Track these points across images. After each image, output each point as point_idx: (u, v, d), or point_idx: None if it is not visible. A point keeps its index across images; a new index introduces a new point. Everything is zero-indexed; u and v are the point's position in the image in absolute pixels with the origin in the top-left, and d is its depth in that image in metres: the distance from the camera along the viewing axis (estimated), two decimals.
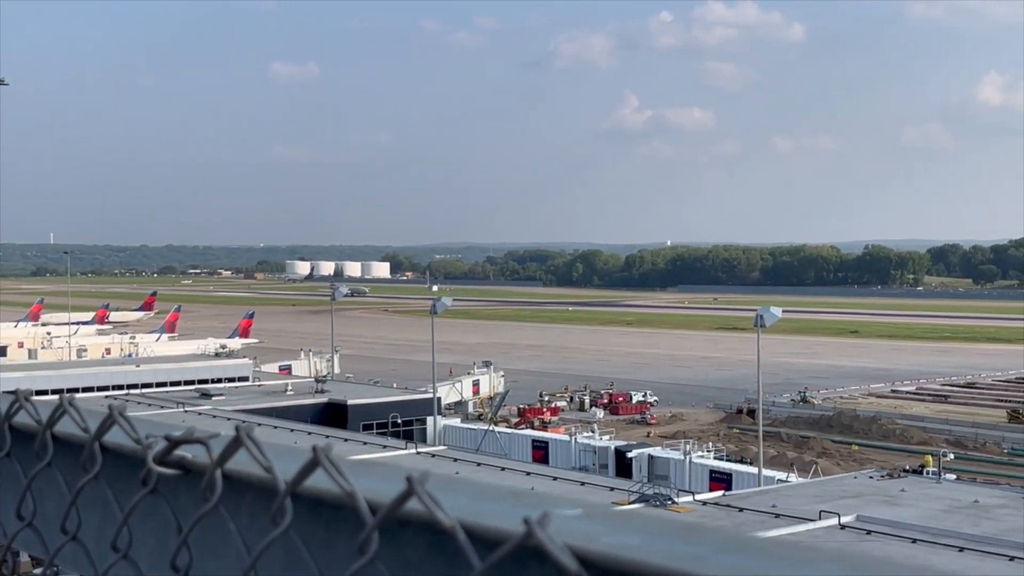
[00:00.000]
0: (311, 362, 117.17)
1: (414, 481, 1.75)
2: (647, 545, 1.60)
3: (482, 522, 1.73)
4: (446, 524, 1.72)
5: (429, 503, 1.73)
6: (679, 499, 44.22)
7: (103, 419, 2.51)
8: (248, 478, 2.17)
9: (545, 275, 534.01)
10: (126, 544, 2.46)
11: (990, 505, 43.93)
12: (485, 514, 1.76)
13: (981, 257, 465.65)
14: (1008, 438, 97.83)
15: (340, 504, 1.92)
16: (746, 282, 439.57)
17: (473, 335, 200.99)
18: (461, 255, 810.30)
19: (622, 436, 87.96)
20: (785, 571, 1.51)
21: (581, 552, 1.59)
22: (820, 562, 1.53)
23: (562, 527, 1.65)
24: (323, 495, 1.98)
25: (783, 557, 1.55)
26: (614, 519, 1.74)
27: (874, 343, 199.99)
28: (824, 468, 73.47)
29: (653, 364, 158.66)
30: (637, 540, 1.62)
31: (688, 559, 1.54)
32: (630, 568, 1.56)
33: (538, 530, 1.57)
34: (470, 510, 1.77)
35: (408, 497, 1.75)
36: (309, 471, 1.95)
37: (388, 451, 58.71)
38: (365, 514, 1.84)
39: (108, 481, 2.56)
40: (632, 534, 1.65)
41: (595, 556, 1.59)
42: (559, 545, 1.57)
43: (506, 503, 1.81)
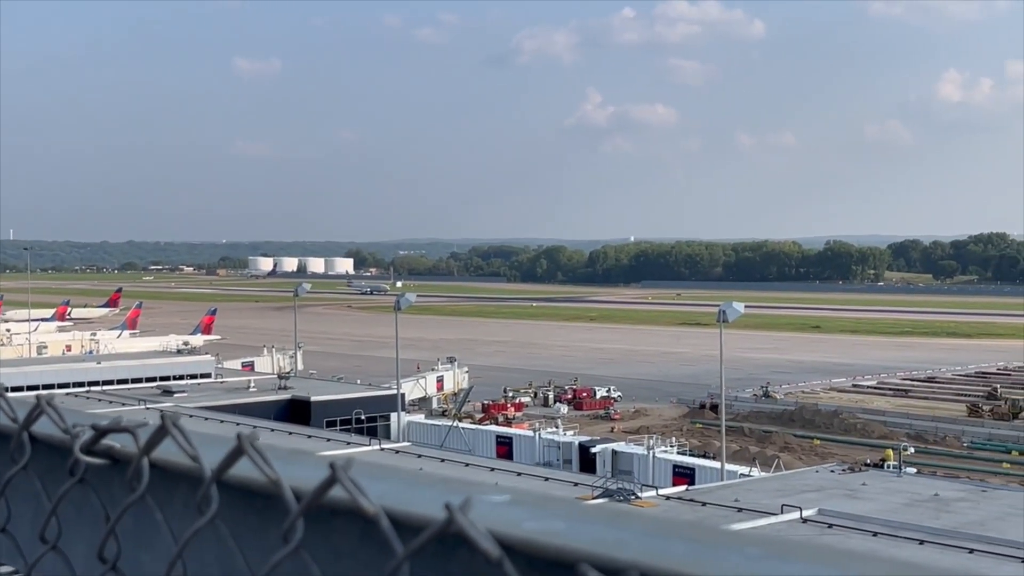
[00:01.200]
0: (274, 358, 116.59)
1: (337, 468, 1.75)
2: (570, 530, 1.61)
3: (406, 509, 1.74)
4: (369, 511, 1.72)
5: (352, 490, 1.72)
6: (643, 494, 44.31)
7: (30, 409, 2.44)
8: (177, 467, 2.16)
9: (509, 271, 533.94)
10: (55, 536, 2.40)
11: (950, 498, 44.30)
12: (413, 501, 1.76)
13: (941, 253, 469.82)
14: (968, 432, 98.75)
15: (269, 493, 1.92)
16: (709, 278, 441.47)
17: (437, 331, 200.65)
18: (425, 251, 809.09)
19: (586, 431, 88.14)
20: (706, 555, 1.53)
21: (503, 537, 1.60)
22: (741, 545, 1.54)
23: (487, 513, 1.66)
24: (252, 484, 1.97)
25: (705, 541, 1.57)
26: (540, 505, 1.74)
27: (835, 338, 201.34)
28: (786, 462, 73.83)
29: (617, 359, 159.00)
30: (561, 525, 1.63)
31: (609, 543, 1.55)
32: (551, 553, 1.58)
33: (459, 516, 1.58)
34: (397, 497, 1.78)
35: (332, 484, 1.75)
36: (234, 459, 1.93)
37: (352, 448, 58.46)
38: (290, 502, 1.84)
39: (38, 472, 2.49)
40: (556, 519, 1.66)
41: (517, 541, 1.60)
42: (481, 531, 1.58)
43: (435, 490, 1.81)
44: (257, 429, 54.22)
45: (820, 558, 1.51)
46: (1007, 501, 44.55)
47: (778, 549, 1.53)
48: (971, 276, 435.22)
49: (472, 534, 1.57)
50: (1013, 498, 46.12)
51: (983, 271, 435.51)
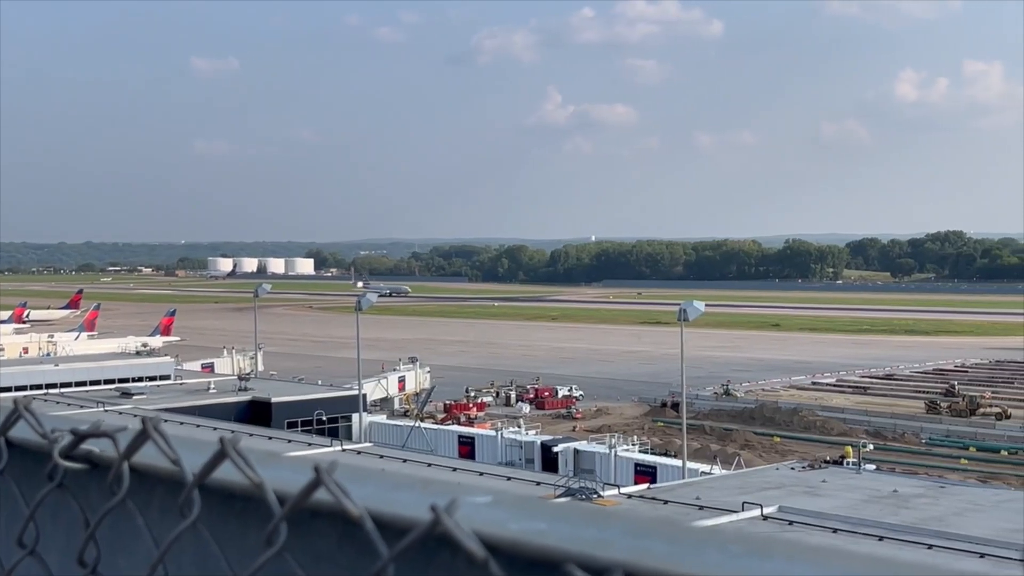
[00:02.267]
0: (234, 360, 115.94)
1: (322, 471, 1.75)
2: (553, 530, 1.62)
3: (390, 511, 1.74)
4: (354, 513, 1.72)
5: (337, 492, 1.73)
6: (604, 492, 44.45)
7: (8, 413, 2.44)
8: (157, 471, 2.16)
9: (471, 271, 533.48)
10: (33, 540, 2.40)
11: (909, 495, 44.70)
12: (395, 503, 1.76)
13: (899, 251, 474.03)
14: (926, 429, 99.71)
15: (251, 496, 1.91)
16: (669, 277, 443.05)
17: (398, 331, 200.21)
18: (386, 251, 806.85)
19: (548, 431, 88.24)
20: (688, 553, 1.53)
21: (488, 538, 1.61)
22: (723, 543, 1.56)
23: (471, 514, 1.66)
24: (233, 487, 1.96)
25: (686, 539, 1.57)
26: (523, 505, 1.75)
27: (795, 336, 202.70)
28: (747, 460, 74.26)
29: (578, 359, 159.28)
30: (543, 525, 1.64)
31: (593, 543, 1.56)
32: (536, 552, 1.58)
33: (445, 517, 1.58)
34: (380, 499, 1.77)
35: (316, 487, 1.75)
36: (216, 463, 1.94)
37: (313, 449, 58.25)
38: (273, 505, 1.84)
39: (15, 478, 2.49)
40: (539, 520, 1.67)
41: (502, 542, 1.61)
42: (466, 532, 1.59)
43: (416, 492, 1.81)
44: (238, 432, 53.97)
45: (801, 555, 1.52)
46: (965, 497, 45.04)
47: (759, 546, 1.55)
48: (928, 274, 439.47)
49: (458, 535, 1.58)
50: (971, 494, 46.65)
51: (940, 269, 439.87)
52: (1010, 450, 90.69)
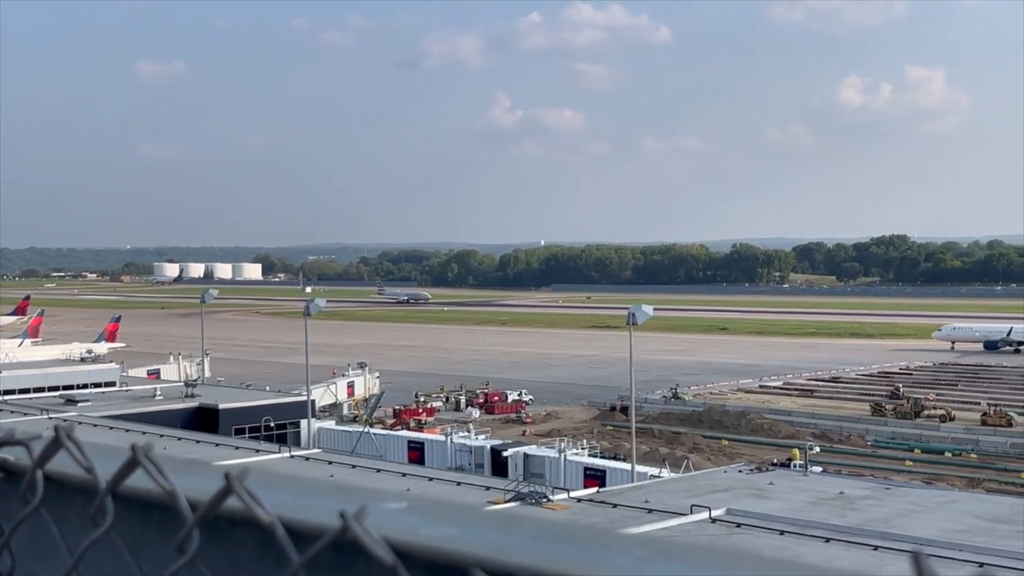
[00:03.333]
0: (181, 366, 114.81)
1: (232, 478, 1.75)
2: (463, 535, 1.63)
3: (302, 518, 1.74)
4: (265, 520, 1.72)
5: (247, 500, 1.72)
6: (554, 496, 44.45)
7: None
8: (72, 479, 2.15)
9: (420, 275, 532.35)
10: None
11: (855, 496, 45.10)
12: (308, 510, 1.76)
13: (844, 255, 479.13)
14: (872, 431, 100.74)
15: (168, 505, 1.91)
16: (618, 281, 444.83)
17: (347, 336, 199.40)
18: (335, 256, 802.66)
19: (498, 435, 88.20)
20: (594, 556, 1.54)
21: (398, 544, 1.62)
22: (629, 547, 1.57)
23: (383, 520, 1.67)
24: (148, 495, 1.96)
25: (594, 543, 1.58)
26: (437, 511, 1.75)
27: (742, 339, 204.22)
28: (695, 463, 74.62)
29: (528, 363, 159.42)
30: (455, 531, 1.65)
31: (501, 548, 1.57)
32: (444, 558, 1.60)
33: (354, 523, 1.59)
34: (294, 506, 1.78)
35: (227, 495, 1.75)
36: (128, 471, 1.93)
37: (261, 455, 57.77)
38: (185, 512, 1.84)
39: None
40: (451, 525, 1.67)
41: (411, 548, 1.62)
42: (376, 538, 1.60)
43: (333, 498, 1.81)
44: (153, 439, 53.36)
45: (704, 558, 1.53)
46: (910, 498, 45.52)
47: (665, 550, 1.57)
48: (873, 277, 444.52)
49: (366, 541, 1.59)
50: (916, 495, 47.16)
51: (885, 272, 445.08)
52: (954, 452, 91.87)
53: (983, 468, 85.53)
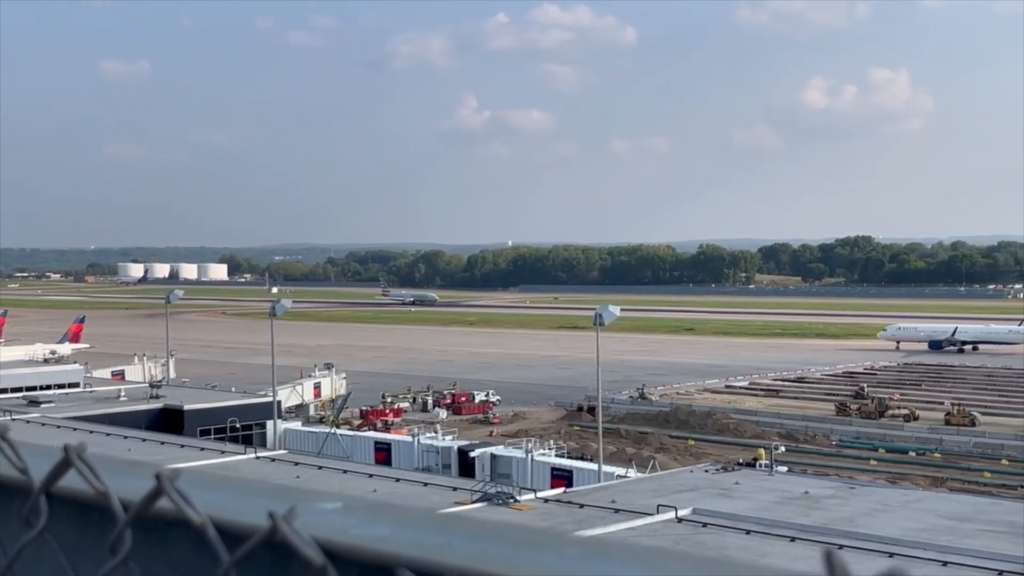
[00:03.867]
0: (145, 367, 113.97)
1: (163, 478, 1.76)
2: (395, 535, 1.64)
3: (232, 518, 1.74)
4: (196, 521, 1.72)
5: (178, 500, 1.73)
6: (521, 497, 44.43)
7: None
8: (9, 482, 2.15)
9: (387, 276, 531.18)
10: None
11: (820, 496, 45.32)
12: (243, 510, 1.76)
13: (809, 256, 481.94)
14: (836, 430, 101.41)
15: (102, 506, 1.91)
16: (585, 281, 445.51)
17: (314, 337, 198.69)
18: (301, 256, 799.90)
19: (465, 436, 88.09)
20: (524, 556, 1.55)
21: (328, 544, 1.62)
22: (561, 546, 1.58)
23: (317, 520, 1.68)
24: (83, 496, 1.96)
25: (526, 543, 1.60)
26: (372, 512, 1.76)
27: (709, 340, 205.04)
28: (662, 463, 74.85)
29: (495, 364, 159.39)
30: (387, 531, 1.66)
31: (431, 547, 1.58)
32: (373, 558, 1.60)
33: (282, 524, 1.60)
34: (229, 506, 1.78)
35: (158, 495, 1.75)
36: (62, 471, 1.92)
37: (226, 456, 57.45)
38: (118, 513, 1.84)
39: None
40: (384, 525, 1.68)
41: (342, 548, 1.63)
42: (305, 539, 1.60)
43: (268, 498, 1.82)
44: (84, 440, 52.95)
45: (634, 558, 1.53)
46: (874, 497, 45.80)
47: (597, 549, 1.58)
48: (838, 278, 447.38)
49: (295, 542, 1.59)
50: (880, 494, 47.46)
51: (849, 273, 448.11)
52: (918, 451, 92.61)
53: (947, 467, 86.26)
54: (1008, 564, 33.69)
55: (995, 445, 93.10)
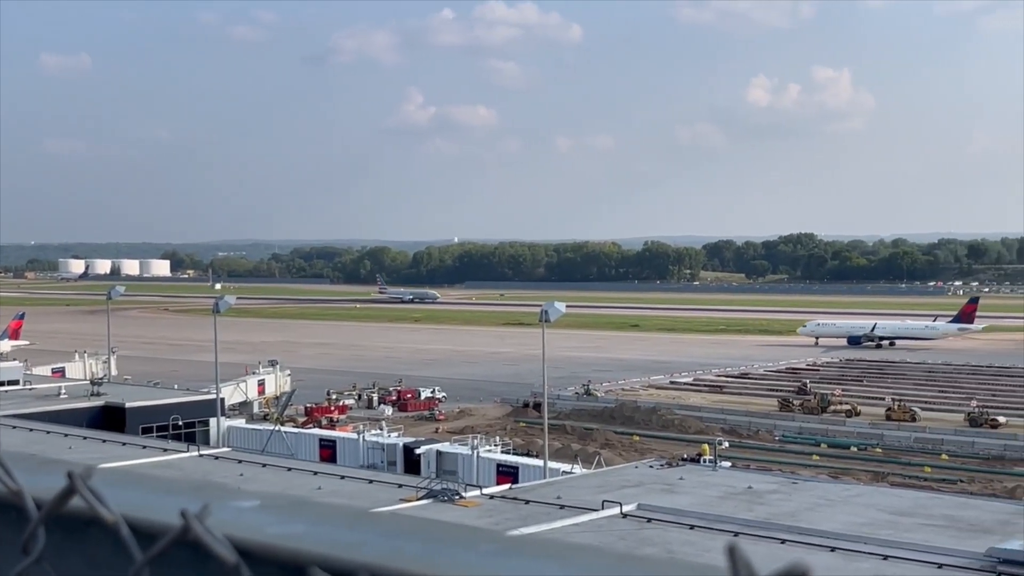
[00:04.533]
0: (86, 364, 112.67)
1: (75, 477, 1.74)
2: (310, 533, 1.64)
3: (145, 516, 1.74)
4: (108, 519, 1.72)
5: (90, 499, 1.72)
6: (467, 494, 44.39)
7: None
8: None
9: (332, 272, 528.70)
10: None
11: (763, 490, 45.67)
12: (161, 508, 1.75)
13: (753, 252, 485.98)
14: (779, 426, 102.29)
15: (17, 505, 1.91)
16: (531, 278, 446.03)
17: (258, 334, 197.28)
18: (245, 252, 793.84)
19: (411, 433, 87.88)
20: (438, 553, 1.55)
21: (242, 543, 1.62)
22: (476, 542, 1.59)
23: (232, 518, 1.68)
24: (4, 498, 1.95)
25: (442, 539, 1.60)
26: (289, 510, 1.76)
27: (654, 336, 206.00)
28: (607, 459, 75.10)
29: (441, 360, 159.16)
30: (303, 528, 1.66)
31: (344, 545, 1.58)
32: (286, 556, 1.60)
33: (194, 522, 1.59)
34: (145, 505, 1.77)
35: (70, 494, 1.75)
36: None
37: (169, 454, 56.91)
38: (32, 512, 1.84)
39: None
40: (300, 523, 1.68)
41: (255, 546, 1.63)
42: (218, 537, 1.59)
43: (185, 497, 1.80)
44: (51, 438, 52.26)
45: (548, 554, 1.54)
46: (817, 492, 46.24)
47: (512, 546, 1.58)
48: (781, 275, 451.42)
49: (207, 540, 1.59)
50: (822, 489, 47.92)
51: (792, 270, 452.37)
52: (859, 446, 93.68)
53: (888, 462, 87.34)
54: (948, 558, 34.15)
55: (935, 440, 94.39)
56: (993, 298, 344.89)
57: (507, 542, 1.58)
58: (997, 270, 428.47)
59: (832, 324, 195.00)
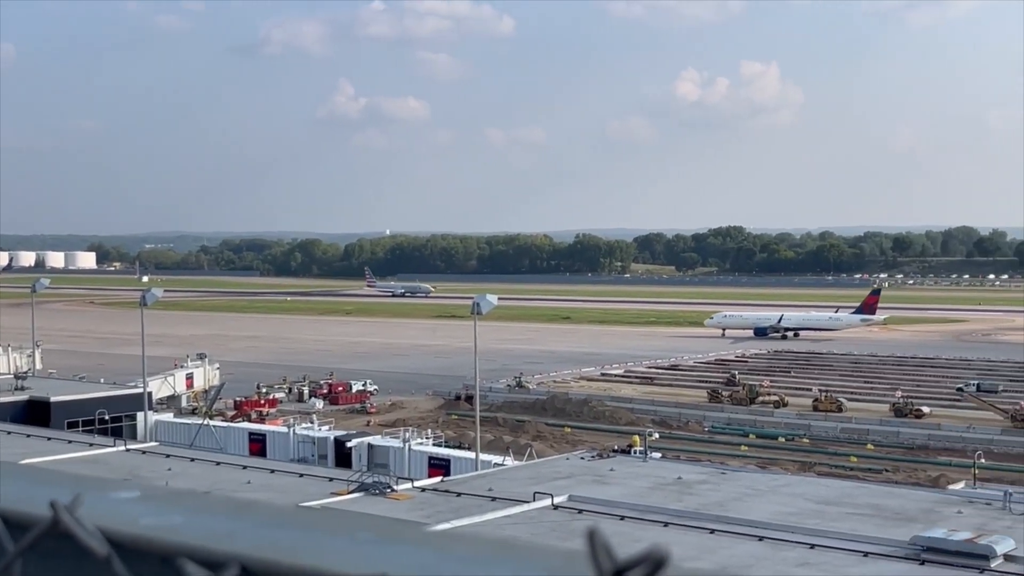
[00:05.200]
0: (10, 358, 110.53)
1: None
2: (185, 525, 1.62)
3: (16, 508, 1.72)
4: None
5: None
6: (398, 487, 44.29)
7: None
8: None
9: (262, 265, 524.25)
10: None
11: (692, 481, 46.08)
12: (36, 500, 1.72)
13: (683, 245, 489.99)
14: (708, 417, 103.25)
15: None
16: (463, 270, 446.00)
17: (187, 327, 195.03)
18: (173, 244, 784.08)
19: (342, 426, 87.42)
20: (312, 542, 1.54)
21: (114, 535, 1.61)
22: (353, 531, 1.59)
23: (108, 510, 1.66)
24: None
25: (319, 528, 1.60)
26: (169, 501, 1.75)
27: (585, 328, 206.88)
28: (538, 450, 75.26)
29: (373, 353, 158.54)
30: (178, 520, 1.64)
31: (217, 536, 1.57)
32: (158, 547, 1.59)
33: (64, 514, 1.58)
34: (19, 496, 1.75)
35: None
36: None
37: (95, 449, 56.09)
38: None
39: None
40: (177, 514, 1.66)
41: (127, 538, 1.61)
42: (90, 529, 1.58)
43: (63, 488, 1.77)
44: None
45: (427, 542, 1.55)
46: (745, 482, 46.75)
47: (389, 533, 1.59)
48: (711, 268, 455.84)
49: (77, 532, 1.57)
50: (750, 479, 48.47)
51: (722, 263, 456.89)
52: (787, 436, 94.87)
53: (814, 452, 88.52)
54: (873, 546, 34.72)
55: (861, 430, 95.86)
56: (917, 290, 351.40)
57: (386, 530, 1.59)
58: (921, 263, 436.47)
59: (739, 316, 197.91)
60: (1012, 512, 39.89)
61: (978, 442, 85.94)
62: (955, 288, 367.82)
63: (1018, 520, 38.76)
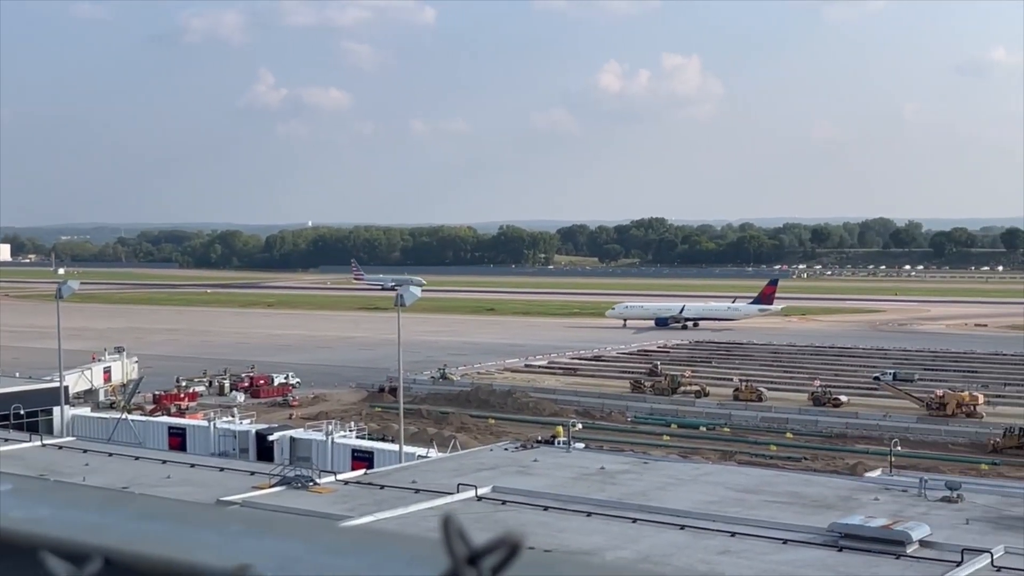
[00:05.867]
0: None
1: None
2: (53, 517, 1.61)
3: None
4: None
5: None
6: (321, 480, 43.98)
7: None
8: None
9: (182, 257, 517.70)
10: None
11: (615, 471, 46.33)
12: None
13: (606, 237, 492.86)
14: (631, 407, 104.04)
15: None
16: (387, 262, 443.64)
17: (104, 320, 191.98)
18: (90, 236, 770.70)
19: (263, 419, 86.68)
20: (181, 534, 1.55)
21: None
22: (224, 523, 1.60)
23: None
24: None
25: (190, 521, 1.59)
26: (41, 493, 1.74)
27: (509, 319, 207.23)
28: (463, 442, 75.29)
29: (295, 345, 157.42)
30: (46, 512, 1.63)
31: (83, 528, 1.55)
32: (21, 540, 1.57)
33: None
34: None
35: None
36: None
37: (10, 445, 54.96)
38: None
39: None
40: (46, 507, 1.65)
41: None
42: None
43: None
44: None
45: (296, 532, 1.55)
46: (667, 471, 47.13)
47: (260, 525, 1.60)
48: (633, 259, 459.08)
49: None
50: (672, 468, 48.86)
51: (644, 254, 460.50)
52: (708, 426, 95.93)
53: (735, 441, 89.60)
54: (792, 533, 35.19)
55: (780, 419, 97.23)
56: (835, 280, 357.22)
57: (257, 521, 1.61)
58: (839, 253, 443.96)
59: (640, 306, 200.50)
60: (927, 499, 40.66)
61: (894, 430, 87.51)
62: (872, 279, 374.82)
63: (933, 506, 39.55)
